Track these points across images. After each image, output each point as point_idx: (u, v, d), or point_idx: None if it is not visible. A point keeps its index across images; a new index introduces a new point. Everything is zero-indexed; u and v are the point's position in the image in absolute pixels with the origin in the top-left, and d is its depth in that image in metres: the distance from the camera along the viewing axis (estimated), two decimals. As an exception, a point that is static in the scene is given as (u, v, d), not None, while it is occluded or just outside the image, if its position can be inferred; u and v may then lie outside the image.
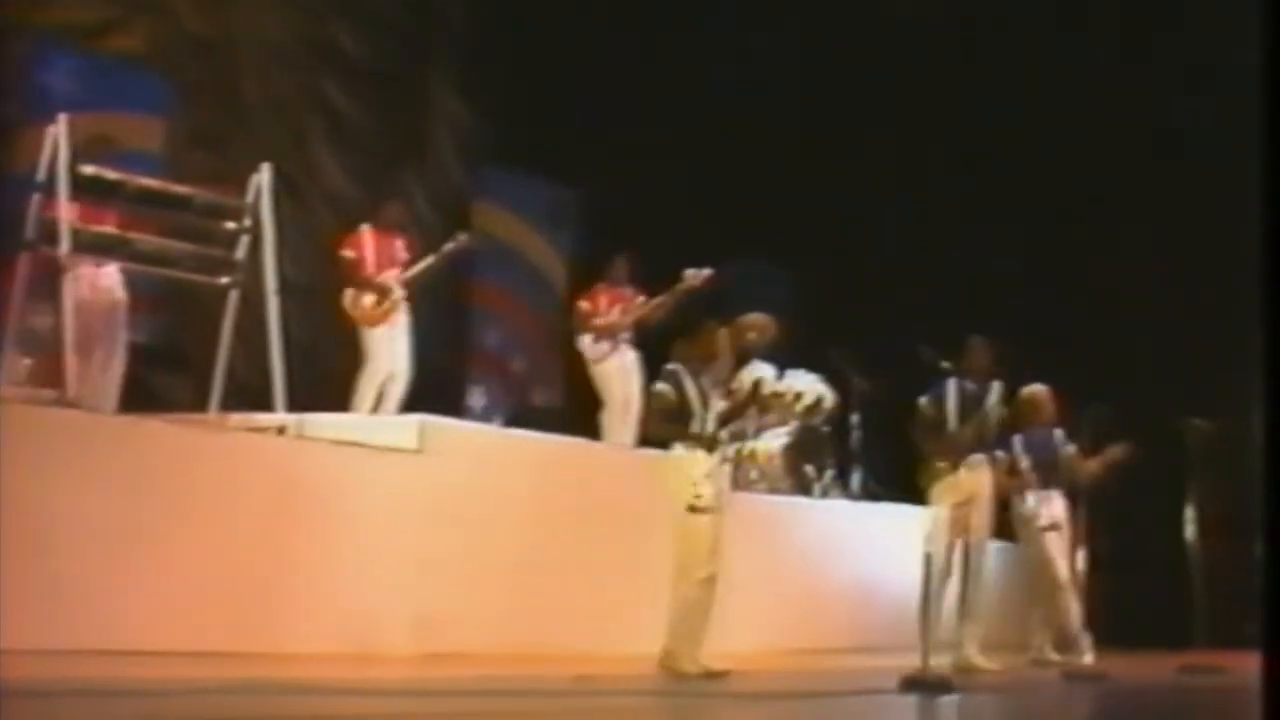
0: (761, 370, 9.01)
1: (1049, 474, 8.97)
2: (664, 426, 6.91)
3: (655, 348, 9.21)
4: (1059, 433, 9.03)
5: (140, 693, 5.04)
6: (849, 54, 12.94)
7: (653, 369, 9.25)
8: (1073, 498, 9.08)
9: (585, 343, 9.74)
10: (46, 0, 9.46)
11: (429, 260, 9.06)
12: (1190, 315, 12.91)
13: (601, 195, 12.02)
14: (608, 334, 9.67)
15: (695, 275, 9.38)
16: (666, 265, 9.82)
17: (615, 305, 9.75)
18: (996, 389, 8.18)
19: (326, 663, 6.57)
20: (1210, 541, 9.77)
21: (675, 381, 6.88)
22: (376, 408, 8.79)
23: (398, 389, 8.84)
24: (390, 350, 8.82)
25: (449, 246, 9.19)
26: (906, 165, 13.34)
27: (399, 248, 9.03)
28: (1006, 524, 9.15)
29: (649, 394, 6.89)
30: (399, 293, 8.87)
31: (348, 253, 8.86)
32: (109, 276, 7.87)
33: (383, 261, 8.90)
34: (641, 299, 9.76)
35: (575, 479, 8.52)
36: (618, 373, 9.63)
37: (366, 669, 6.59)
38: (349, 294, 8.81)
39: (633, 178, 11.91)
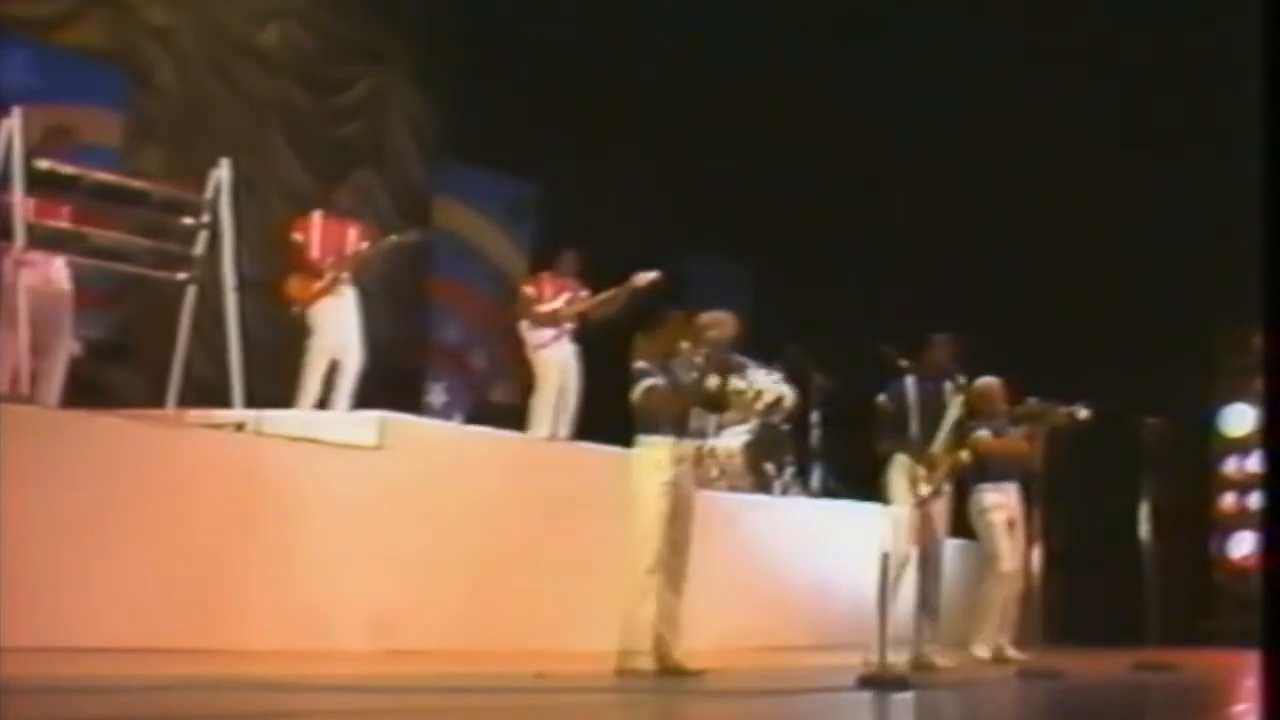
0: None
1: (1006, 466, 9.06)
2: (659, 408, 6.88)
3: (601, 344, 9.24)
4: (1002, 424, 9.10)
5: (96, 690, 5.01)
6: (810, 50, 12.97)
7: (599, 363, 9.31)
8: (1028, 492, 9.16)
9: (526, 329, 9.73)
10: (1, -8, 9.35)
11: (373, 247, 9.02)
12: (1147, 314, 13.02)
13: (561, 190, 12.03)
14: (550, 323, 9.66)
15: (643, 277, 9.38)
16: (626, 260, 9.82)
17: (560, 295, 9.74)
18: (949, 387, 8.23)
19: (285, 659, 6.54)
20: (1164, 540, 9.86)
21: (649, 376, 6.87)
22: (328, 394, 8.73)
23: (350, 371, 8.76)
24: (333, 326, 8.75)
25: (394, 238, 9.17)
26: (867, 161, 13.39)
27: (351, 237, 8.98)
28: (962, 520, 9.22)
29: (648, 393, 6.87)
30: (331, 272, 8.80)
31: (296, 236, 8.84)
32: (58, 269, 7.79)
33: (329, 248, 8.85)
34: (585, 293, 9.75)
35: (536, 475, 8.52)
36: (555, 362, 9.62)
37: (326, 665, 6.57)
38: (290, 277, 8.78)
39: (592, 173, 11.91)
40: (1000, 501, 9.13)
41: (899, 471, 7.96)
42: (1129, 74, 12.93)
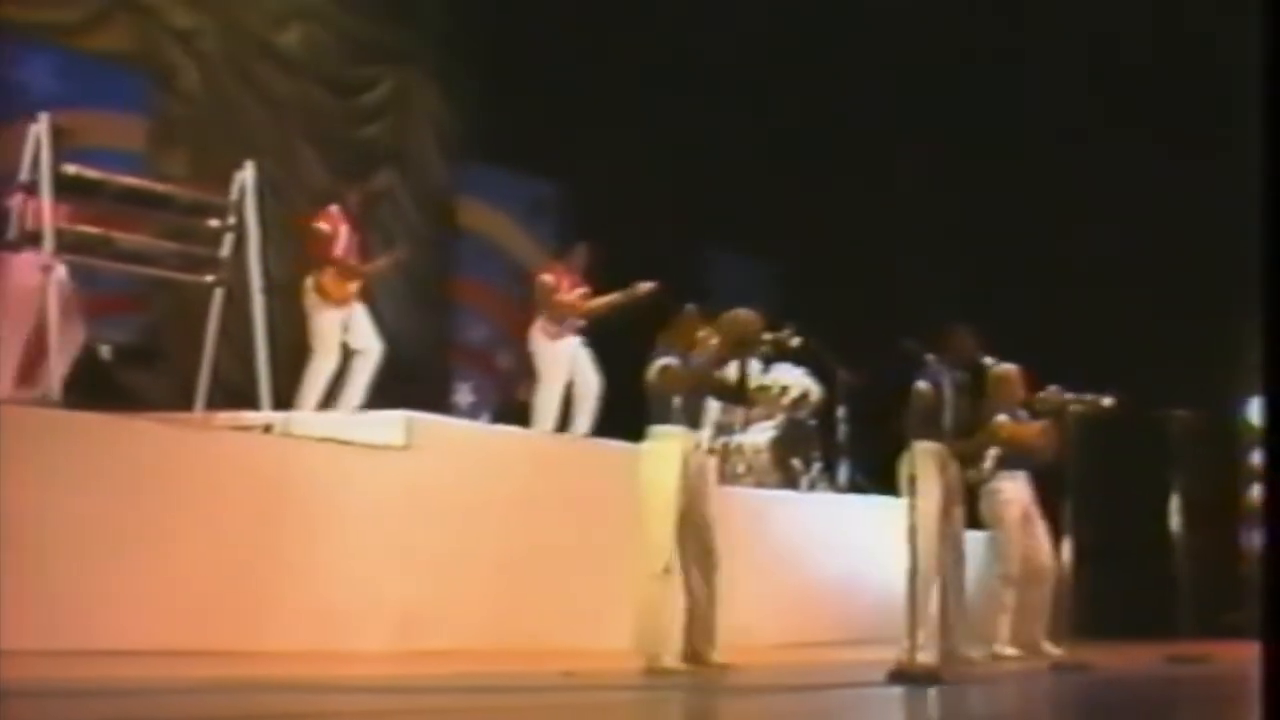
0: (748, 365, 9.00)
1: (1018, 454, 9.03)
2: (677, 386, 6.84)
3: (622, 342, 9.21)
4: (1023, 414, 9.08)
5: (125, 692, 5.03)
6: (824, 45, 12.95)
7: (616, 362, 9.29)
8: (1054, 486, 9.11)
9: (543, 320, 9.67)
10: (27, -3, 9.41)
11: (382, 262, 9.04)
12: (1174, 306, 12.95)
13: (582, 189, 12.04)
14: (563, 315, 9.62)
15: (644, 287, 9.35)
16: (647, 257, 9.80)
17: (572, 289, 9.71)
18: (966, 376, 8.22)
19: (313, 660, 6.57)
20: (1194, 532, 9.80)
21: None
22: (328, 400, 8.74)
23: (369, 365, 8.73)
24: (340, 337, 8.71)
25: (395, 257, 9.24)
26: (887, 153, 13.36)
27: (357, 242, 9.00)
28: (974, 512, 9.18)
29: (662, 372, 6.84)
30: (364, 280, 8.84)
31: (323, 226, 8.78)
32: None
33: (349, 247, 8.87)
34: (583, 291, 9.69)
35: (562, 474, 8.52)
36: (562, 356, 9.59)
37: (353, 666, 6.59)
38: (322, 271, 8.73)
39: (613, 171, 11.91)
40: (1014, 494, 9.07)
41: (927, 461, 7.88)
42: (1152, 64, 12.87)
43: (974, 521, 9.33)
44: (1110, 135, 13.11)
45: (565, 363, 9.55)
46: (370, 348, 8.78)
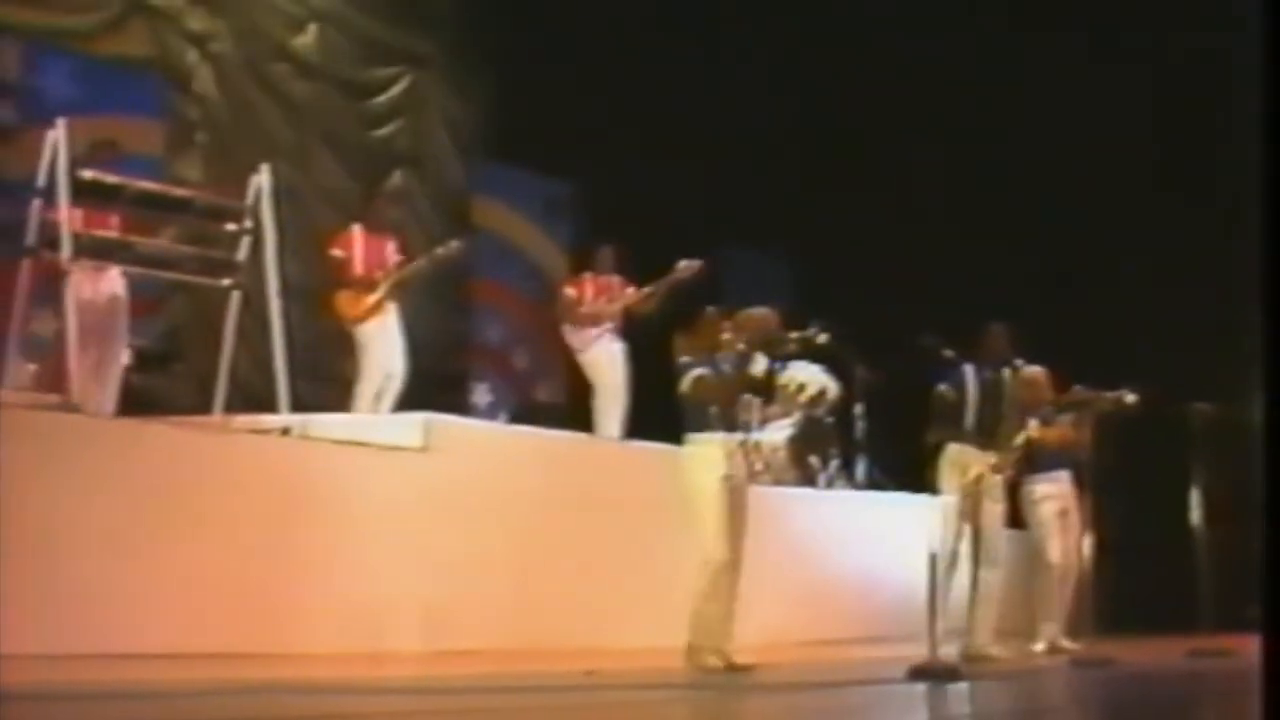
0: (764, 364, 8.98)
1: (1057, 455, 9.02)
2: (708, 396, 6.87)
3: (643, 342, 9.23)
4: (1053, 408, 9.07)
5: (147, 695, 5.05)
6: (844, 40, 12.93)
7: (643, 360, 9.29)
8: (1075, 482, 9.11)
9: (570, 331, 9.70)
10: (43, 2, 9.45)
11: (419, 263, 9.05)
12: (1193, 299, 12.90)
13: (598, 188, 12.02)
14: (592, 322, 9.63)
15: (687, 267, 9.34)
16: (664, 255, 9.81)
17: (602, 294, 9.70)
18: (1007, 373, 8.20)
19: (334, 662, 6.58)
20: (1215, 525, 9.77)
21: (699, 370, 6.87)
22: (377, 404, 8.78)
23: (394, 387, 8.82)
24: (383, 345, 8.79)
25: (440, 251, 9.17)
26: (904, 151, 13.33)
27: (390, 250, 9.01)
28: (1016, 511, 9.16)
29: (696, 384, 6.85)
30: (383, 290, 8.84)
31: (337, 252, 8.85)
32: (111, 279, 7.87)
33: (372, 262, 8.88)
34: (630, 289, 9.70)
35: (581, 474, 8.53)
36: (605, 361, 9.60)
37: (375, 668, 6.60)
38: (338, 294, 8.81)
39: (629, 169, 11.90)
40: (1052, 492, 9.10)
41: (949, 462, 7.91)
42: (1176, 63, 12.83)
43: (1012, 520, 9.31)
44: (1137, 131, 13.06)
45: (606, 367, 9.57)
46: (396, 370, 8.82)
